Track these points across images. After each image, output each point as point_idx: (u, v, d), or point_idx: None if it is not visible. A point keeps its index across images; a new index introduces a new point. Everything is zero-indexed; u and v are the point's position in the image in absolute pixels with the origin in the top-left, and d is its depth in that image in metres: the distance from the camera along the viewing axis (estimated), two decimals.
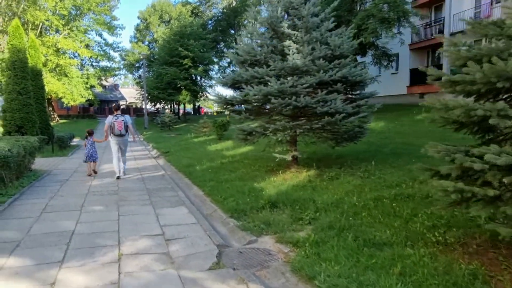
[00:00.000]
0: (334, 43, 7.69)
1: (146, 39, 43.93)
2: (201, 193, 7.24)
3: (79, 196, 6.85)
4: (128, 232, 4.79)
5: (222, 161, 10.69)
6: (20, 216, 5.48)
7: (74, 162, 12.05)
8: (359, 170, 7.77)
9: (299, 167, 8.71)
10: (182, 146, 15.95)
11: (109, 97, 52.75)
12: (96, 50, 35.56)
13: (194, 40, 29.58)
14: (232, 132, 19.60)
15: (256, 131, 7.79)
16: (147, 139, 21.33)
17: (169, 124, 25.71)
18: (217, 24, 41.86)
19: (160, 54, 30.93)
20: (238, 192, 6.82)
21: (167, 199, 6.84)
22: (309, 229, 4.88)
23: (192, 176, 8.91)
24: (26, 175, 8.34)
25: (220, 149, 14.16)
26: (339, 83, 7.54)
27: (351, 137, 8.18)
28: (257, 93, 7.38)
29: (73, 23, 32.70)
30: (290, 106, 7.25)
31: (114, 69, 37.86)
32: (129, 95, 60.89)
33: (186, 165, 10.35)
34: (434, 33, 22.78)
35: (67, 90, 30.82)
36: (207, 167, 9.85)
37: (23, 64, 13.59)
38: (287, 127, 7.48)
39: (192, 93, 30.82)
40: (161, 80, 29.69)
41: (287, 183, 7.38)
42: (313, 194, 6.18)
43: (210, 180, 8.07)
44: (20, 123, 13.42)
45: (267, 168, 9.05)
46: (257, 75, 7.75)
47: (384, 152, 9.91)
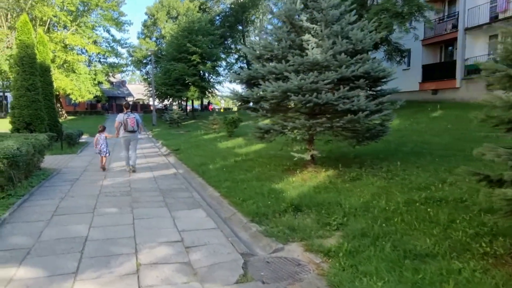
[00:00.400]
0: (356, 37, 7.30)
1: (154, 35, 43.62)
2: (217, 194, 6.92)
3: (91, 197, 6.56)
4: (145, 238, 4.48)
5: (236, 159, 10.36)
6: (29, 219, 5.19)
7: (84, 160, 11.81)
8: (381, 171, 7.40)
9: (316, 166, 8.37)
10: (192, 143, 15.65)
11: (116, 94, 52.69)
12: (103, 46, 35.38)
13: (202, 36, 29.22)
14: (243, 130, 19.32)
15: (274, 129, 7.44)
16: (156, 136, 21.08)
17: (177, 120, 25.43)
18: (225, 19, 41.43)
19: (168, 50, 30.61)
20: (257, 193, 6.49)
21: (182, 200, 6.53)
22: (338, 235, 4.54)
23: (205, 175, 8.60)
24: (35, 174, 8.08)
25: (231, 146, 13.84)
26: (361, 79, 7.16)
27: (372, 135, 7.81)
28: (275, 89, 7.03)
29: (81, 19, 32.49)
30: (310, 103, 6.89)
31: (122, 66, 37.67)
32: (136, 91, 60.78)
33: (199, 163, 10.03)
34: (448, 28, 22.21)
35: (75, 87, 30.66)
36: (220, 166, 9.53)
37: (32, 60, 13.35)
38: (306, 125, 7.12)
39: (200, 89, 30.49)
40: (169, 76, 29.38)
41: (307, 184, 7.03)
42: (337, 197, 5.82)
43: (226, 180, 7.75)
44: (29, 120, 13.20)
45: (283, 167, 8.70)
46: (275, 70, 7.40)
47: (404, 151, 9.52)
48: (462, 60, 20.56)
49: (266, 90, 7.28)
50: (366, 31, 7.57)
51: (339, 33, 7.43)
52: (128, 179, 8.55)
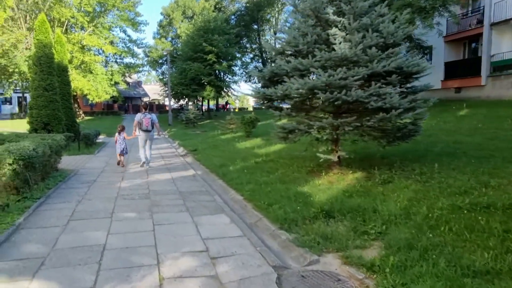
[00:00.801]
0: (387, 30, 6.82)
1: (169, 35, 43.65)
2: (240, 198, 6.54)
3: (108, 200, 6.27)
4: (167, 247, 4.13)
5: (256, 160, 9.98)
6: (45, 225, 4.92)
7: (101, 160, 11.61)
8: (414, 173, 6.91)
9: (342, 168, 7.93)
10: (209, 143, 15.35)
11: (132, 94, 53.04)
12: (120, 47, 35.51)
13: (218, 35, 28.97)
14: (260, 130, 18.94)
15: (299, 129, 7.02)
16: (172, 136, 20.89)
17: (193, 120, 25.23)
18: (240, 19, 41.13)
19: (184, 50, 30.46)
20: (283, 197, 6.10)
21: (204, 204, 6.18)
22: (378, 246, 4.10)
23: (226, 177, 8.24)
24: (52, 175, 7.87)
25: (250, 147, 13.47)
26: (393, 75, 6.68)
27: (404, 135, 7.31)
28: (301, 86, 6.61)
29: (98, 20, 32.67)
30: (338, 101, 6.45)
31: (138, 66, 37.79)
32: (152, 91, 61.11)
33: (218, 165, 9.69)
34: (472, 23, 21.37)
35: (92, 87, 30.83)
36: (241, 167, 9.17)
37: (49, 60, 13.26)
38: (334, 124, 6.69)
39: (216, 89, 30.24)
40: (185, 76, 29.21)
41: (334, 187, 6.60)
42: (371, 202, 5.37)
43: (248, 183, 7.38)
44: (47, 120, 13.10)
45: (306, 169, 8.29)
46: (301, 66, 6.98)
47: (435, 152, 8.98)
48: (487, 56, 19.73)
49: (290, 87, 6.88)
50: (398, 23, 7.09)
51: (369, 26, 6.97)
52: (146, 180, 8.27)
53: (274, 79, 7.97)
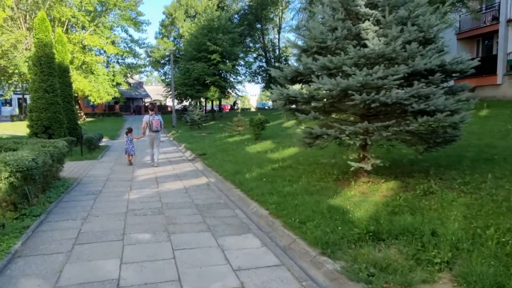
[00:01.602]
0: (428, 22, 6.10)
1: (172, 35, 42.92)
2: (265, 212, 5.82)
3: (118, 217, 5.55)
4: (194, 283, 3.41)
5: (272, 166, 9.27)
6: (46, 251, 4.20)
7: (105, 167, 10.89)
8: (455, 182, 6.19)
9: (370, 175, 7.21)
10: (218, 147, 14.63)
11: (134, 95, 52.36)
12: (122, 47, 34.84)
13: (222, 34, 28.24)
14: (270, 132, 18.22)
15: (328, 134, 6.29)
16: (177, 139, 20.17)
17: (198, 122, 24.52)
18: (243, 18, 40.34)
19: (187, 49, 29.72)
20: (315, 212, 5.38)
21: (226, 221, 5.46)
22: (446, 279, 3.40)
23: (244, 186, 7.52)
24: (53, 186, 7.16)
25: (261, 151, 12.76)
26: (437, 73, 5.96)
27: (445, 140, 6.58)
28: (333, 87, 5.89)
29: (99, 19, 31.98)
30: (375, 103, 5.73)
31: (140, 66, 37.11)
32: (153, 92, 60.45)
33: (233, 172, 8.96)
34: (487, 20, 20.65)
35: (93, 88, 30.17)
36: (258, 175, 8.45)
37: (50, 60, 12.55)
38: (370, 129, 5.96)
39: (220, 89, 29.51)
40: (189, 76, 28.48)
41: (370, 200, 5.88)
42: (424, 220, 4.64)
43: (270, 194, 6.66)
44: (47, 123, 12.41)
45: (332, 176, 7.58)
46: (330, 65, 6.25)
47: (469, 157, 8.23)
48: (504, 54, 19.00)
49: (320, 87, 6.17)
50: (439, 15, 6.37)
51: (406, 19, 6.25)
52: (157, 190, 7.55)
53: (298, 79, 7.26)
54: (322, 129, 6.26)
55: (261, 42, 44.01)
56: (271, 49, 45.32)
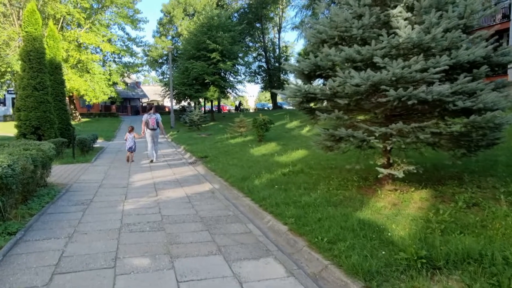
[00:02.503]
0: (472, 7, 5.28)
1: (170, 34, 42.01)
2: (283, 228, 4.96)
3: (110, 235, 4.67)
4: None
5: (283, 171, 8.43)
6: (18, 284, 3.32)
7: (99, 171, 9.98)
8: (499, 192, 5.38)
9: (395, 183, 6.40)
10: (219, 149, 13.76)
11: (131, 95, 51.39)
12: (118, 45, 33.88)
13: (223, 32, 27.37)
14: (273, 133, 17.37)
15: (354, 136, 5.44)
16: (176, 140, 19.27)
17: (197, 123, 23.63)
18: (243, 17, 39.50)
19: (186, 48, 28.81)
20: (344, 229, 4.53)
21: (239, 239, 4.59)
22: None
23: (254, 195, 6.66)
24: (37, 194, 6.27)
25: (267, 153, 11.91)
26: (482, 66, 5.14)
27: (488, 143, 5.75)
28: (362, 81, 5.05)
29: (95, 17, 31.04)
30: (411, 100, 4.89)
31: (137, 65, 36.13)
32: (150, 92, 59.50)
33: (239, 177, 8.10)
34: (497, 18, 19.94)
35: (89, 87, 29.22)
36: (267, 181, 7.60)
37: (40, 55, 11.65)
38: (405, 131, 5.12)
39: (220, 89, 28.63)
40: (188, 75, 27.59)
41: (406, 213, 5.04)
42: (480, 241, 3.80)
43: (285, 204, 5.80)
44: (37, 123, 11.50)
45: (352, 183, 6.75)
46: (357, 56, 5.41)
47: (503, 162, 7.42)
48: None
49: (344, 82, 5.32)
50: None
51: (443, 4, 5.43)
52: (156, 199, 6.66)
53: (316, 74, 6.41)
54: (348, 131, 5.40)
55: (261, 42, 43.19)
56: (271, 48, 44.53)
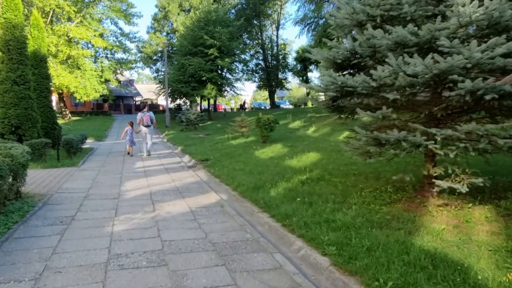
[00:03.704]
0: None
1: (165, 30, 40.58)
2: (324, 262, 3.75)
3: (93, 274, 3.42)
4: None
5: (300, 178, 7.27)
6: None
7: (86, 176, 8.71)
8: None
9: (442, 195, 5.28)
10: (221, 151, 12.55)
11: (124, 93, 49.85)
12: (111, 41, 32.44)
13: (220, 27, 26.09)
14: (275, 133, 16.18)
15: (407, 140, 4.27)
16: (172, 140, 18.00)
17: (194, 122, 22.36)
18: (241, 13, 38.18)
19: (182, 44, 27.46)
20: (409, 266, 3.38)
21: (268, 280, 3.39)
22: None
23: (273, 210, 5.46)
24: (5, 211, 5.01)
25: (274, 156, 10.74)
26: None
27: None
28: (425, 70, 3.88)
29: (86, 10, 29.60)
30: (489, 94, 3.74)
31: (131, 62, 34.67)
32: (144, 90, 58.02)
33: (250, 186, 6.91)
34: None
35: (79, 84, 27.78)
36: (285, 191, 6.42)
37: (20, 45, 10.34)
38: (482, 133, 3.96)
39: (217, 87, 27.36)
40: (184, 72, 26.28)
41: (478, 240, 3.91)
42: None
43: (316, 224, 4.63)
44: (17, 122, 10.20)
45: (388, 195, 5.61)
46: (412, 39, 4.24)
47: None
48: None
49: (396, 73, 4.16)
50: None
51: None
52: (153, 216, 5.43)
53: (351, 63, 5.24)
54: (401, 133, 4.22)
55: (258, 39, 41.97)
56: (269, 46, 43.34)
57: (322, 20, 22.93)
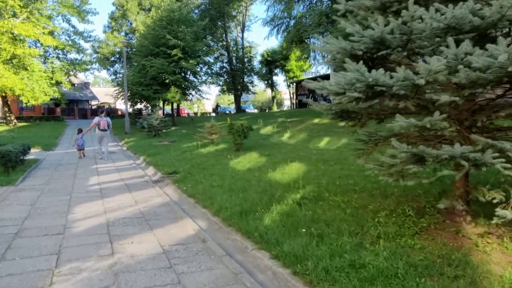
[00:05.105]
0: None
1: (123, 29, 38.08)
2: None
3: None
4: None
5: (294, 197, 6.05)
6: None
7: (24, 200, 6.93)
8: None
9: (475, 219, 4.31)
10: (191, 161, 11.06)
11: (79, 97, 46.46)
12: (63, 39, 29.67)
13: (184, 27, 24.46)
14: (249, 141, 14.87)
15: (469, 157, 3.13)
16: (133, 149, 16.14)
17: (158, 128, 20.56)
18: (205, 13, 36.57)
19: (143, 44, 25.48)
20: None
21: None
22: None
23: (273, 247, 4.15)
24: None
25: (252, 168, 9.45)
26: None
27: None
28: (507, 62, 2.76)
29: (34, 5, 26.80)
30: None
31: (85, 63, 31.91)
32: (101, 94, 54.64)
33: (236, 210, 5.56)
34: None
35: (26, 87, 24.95)
36: (281, 216, 5.15)
37: None
38: None
39: (182, 90, 25.63)
40: (145, 74, 24.33)
41: None
42: None
43: (341, 271, 3.40)
44: None
45: (410, 220, 4.52)
46: (475, 20, 3.13)
47: None
48: None
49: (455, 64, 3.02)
50: None
51: None
52: (111, 263, 3.93)
53: (376, 56, 4.06)
54: (462, 148, 3.07)
55: (223, 41, 40.58)
56: (234, 49, 42.08)
57: (293, 20, 22.05)
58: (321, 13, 17.55)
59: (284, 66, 45.56)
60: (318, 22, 17.63)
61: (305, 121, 20.38)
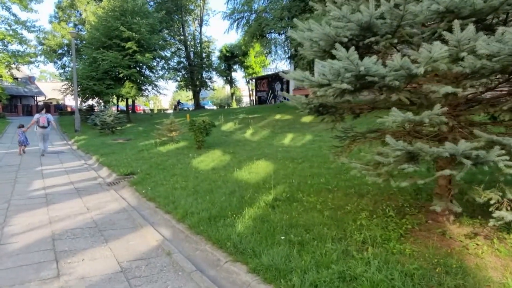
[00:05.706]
0: None
1: (71, 20, 35.57)
2: None
3: None
4: None
5: (265, 199, 5.62)
6: None
7: None
8: None
9: (459, 218, 4.15)
10: (149, 160, 10.28)
11: (23, 92, 43.10)
12: (3, 29, 27.19)
13: (139, 18, 23.16)
14: (211, 138, 14.24)
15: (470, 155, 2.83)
16: (85, 148, 14.90)
17: (111, 125, 19.28)
18: (161, 6, 35.03)
19: (94, 35, 23.81)
20: None
21: None
22: None
23: (248, 257, 3.68)
24: None
25: (216, 167, 8.92)
26: None
27: None
28: None
29: None
30: None
31: (29, 55, 29.48)
32: (47, 89, 51.03)
33: (204, 215, 5.01)
34: None
35: None
36: (254, 222, 4.69)
37: None
38: None
39: (137, 85, 24.31)
40: (97, 67, 22.77)
41: None
42: None
43: (328, 285, 2.98)
44: None
45: (393, 220, 4.27)
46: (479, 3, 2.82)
47: None
48: None
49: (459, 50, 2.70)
50: None
51: None
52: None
53: (362, 44, 3.67)
54: (466, 145, 2.76)
55: (180, 35, 39.29)
56: (191, 44, 40.90)
57: (254, 15, 21.60)
58: (283, 8, 17.25)
59: (243, 62, 45.10)
60: (280, 17, 17.34)
61: (266, 117, 20.07)
